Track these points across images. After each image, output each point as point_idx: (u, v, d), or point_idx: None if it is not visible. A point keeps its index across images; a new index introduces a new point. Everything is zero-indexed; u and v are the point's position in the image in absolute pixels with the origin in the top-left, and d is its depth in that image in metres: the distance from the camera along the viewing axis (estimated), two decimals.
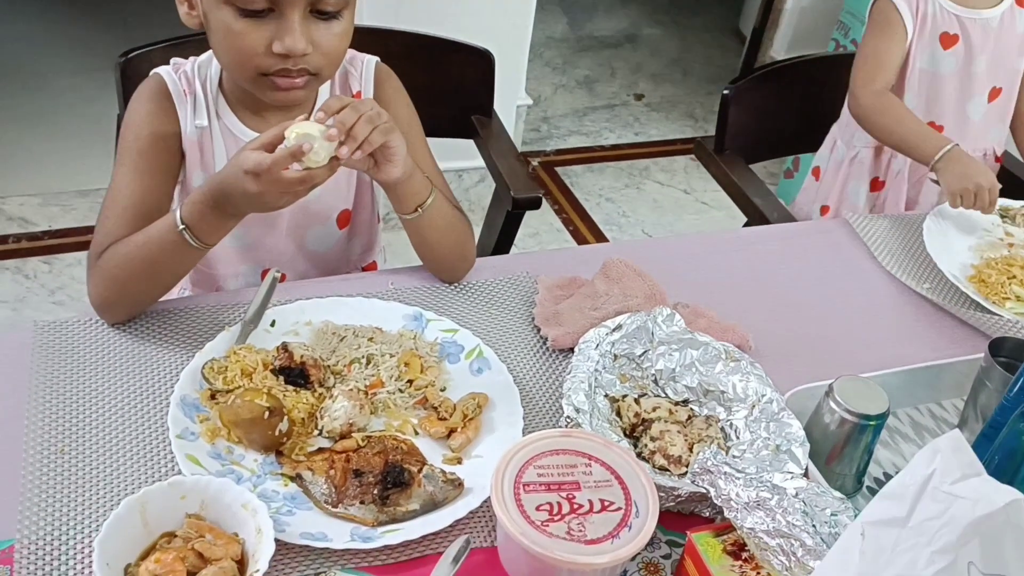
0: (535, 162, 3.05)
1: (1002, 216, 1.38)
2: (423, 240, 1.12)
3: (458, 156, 1.98)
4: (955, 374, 1.08)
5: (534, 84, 3.41)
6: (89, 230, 2.46)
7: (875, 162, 1.56)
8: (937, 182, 1.37)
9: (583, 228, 2.81)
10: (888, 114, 1.46)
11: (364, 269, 1.28)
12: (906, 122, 1.44)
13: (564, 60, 3.64)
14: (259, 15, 0.95)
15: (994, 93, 1.53)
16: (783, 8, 3.26)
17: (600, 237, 2.77)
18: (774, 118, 1.68)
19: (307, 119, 0.92)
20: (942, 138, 1.40)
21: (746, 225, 1.54)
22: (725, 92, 1.60)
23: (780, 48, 3.34)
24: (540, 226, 2.77)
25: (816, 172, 1.68)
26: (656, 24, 3.99)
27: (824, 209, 1.64)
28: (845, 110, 1.58)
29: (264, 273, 1.19)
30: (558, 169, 3.05)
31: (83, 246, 2.42)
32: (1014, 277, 1.26)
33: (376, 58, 1.18)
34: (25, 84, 2.95)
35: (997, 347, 1.01)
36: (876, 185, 1.57)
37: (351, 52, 1.15)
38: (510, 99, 2.58)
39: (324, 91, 1.13)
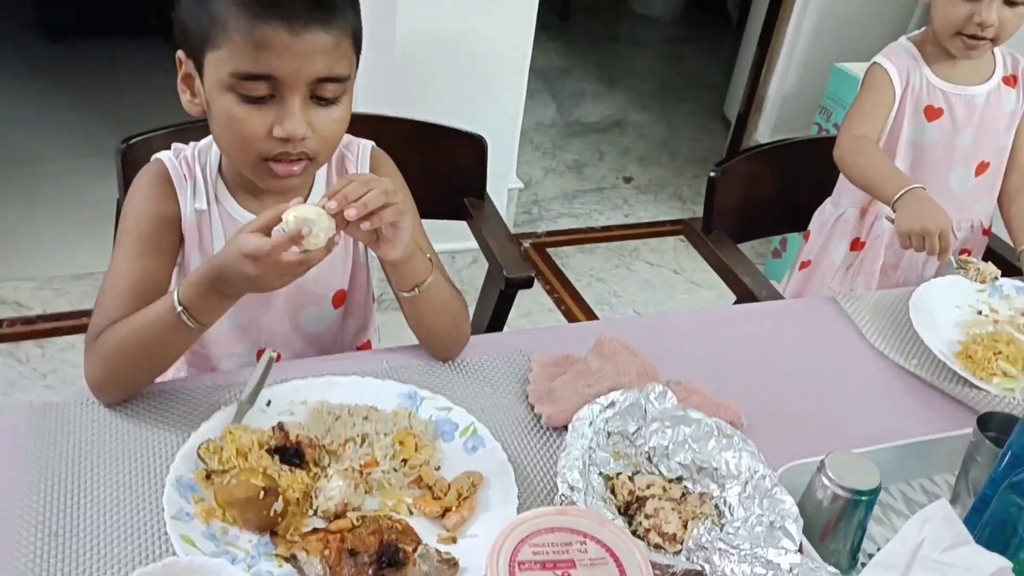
0: (527, 243, 3.09)
1: (959, 265, 1.38)
2: (420, 319, 1.14)
3: (450, 238, 2.02)
4: (946, 449, 1.09)
5: (525, 168, 3.47)
6: (83, 314, 2.48)
7: (859, 222, 1.62)
8: (893, 220, 1.41)
9: (575, 308, 2.83)
10: (860, 153, 1.51)
11: (359, 348, 1.30)
12: (875, 162, 1.49)
13: (554, 144, 3.72)
14: (260, 101, 0.98)
15: (982, 167, 1.59)
16: (766, 94, 3.36)
17: (591, 316, 2.79)
18: (760, 199, 1.72)
19: (303, 202, 0.94)
20: (907, 179, 1.44)
21: (736, 304, 1.56)
22: (711, 174, 1.64)
23: (764, 132, 3.43)
24: (532, 306, 2.79)
25: (807, 236, 1.74)
26: (643, 109, 4.09)
27: (804, 264, 1.67)
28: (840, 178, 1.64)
29: (259, 353, 1.20)
30: (549, 250, 3.09)
31: (76, 330, 2.44)
32: (1000, 353, 1.27)
33: (372, 143, 1.21)
34: (22, 169, 2.99)
35: (985, 422, 1.02)
36: (857, 245, 1.62)
37: (347, 137, 1.19)
38: (502, 183, 2.63)
39: (320, 176, 1.16)
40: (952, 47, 1.52)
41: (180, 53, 1.03)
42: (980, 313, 1.40)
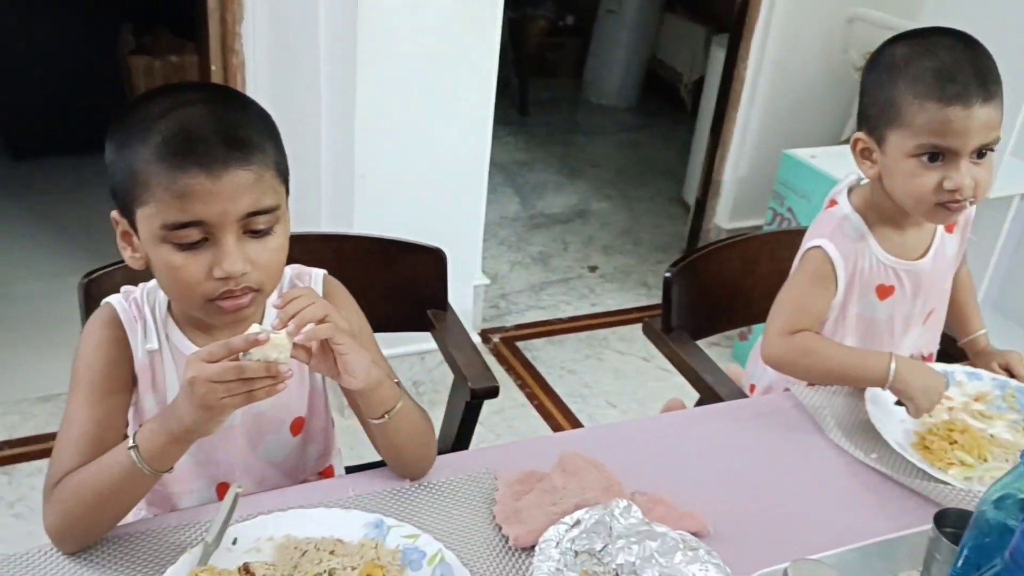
0: (496, 339, 3.11)
1: None
2: (388, 443, 1.15)
3: (419, 340, 2.03)
4: (909, 545, 1.10)
5: (491, 262, 3.52)
6: (49, 437, 2.45)
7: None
8: (900, 403, 1.36)
9: (547, 402, 2.84)
10: (815, 355, 1.40)
11: (321, 474, 1.30)
12: (834, 358, 1.40)
13: (518, 238, 3.77)
14: (195, 246, 1.00)
15: (928, 316, 1.53)
16: (722, 179, 3.45)
17: (564, 410, 2.80)
18: (716, 295, 1.76)
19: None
20: (877, 357, 1.37)
21: (699, 402, 1.58)
22: (667, 275, 1.68)
23: (723, 216, 3.51)
24: (504, 402, 2.79)
25: (752, 389, 1.67)
26: (604, 198, 4.18)
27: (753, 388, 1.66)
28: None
29: (220, 487, 1.20)
30: (519, 344, 3.11)
31: (44, 454, 2.40)
32: (955, 442, 1.30)
33: (323, 271, 1.23)
34: None
35: (942, 518, 1.04)
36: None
37: (299, 267, 1.21)
38: (466, 281, 2.67)
39: (271, 307, 1.18)
40: (930, 219, 1.39)
41: (114, 213, 1.06)
42: None
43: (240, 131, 1.00)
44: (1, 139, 3.81)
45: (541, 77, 5.35)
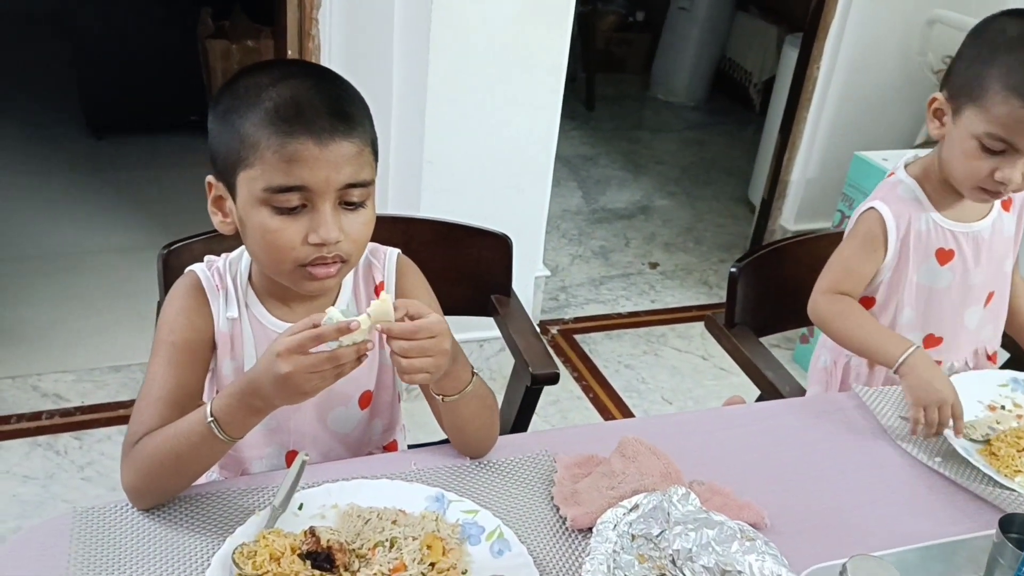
0: (554, 330, 3.12)
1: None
2: (454, 420, 1.18)
3: (479, 327, 2.06)
4: (970, 549, 1.09)
5: (552, 255, 3.53)
6: (120, 405, 2.53)
7: (870, 373, 1.55)
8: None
9: (603, 395, 2.84)
10: (845, 318, 1.46)
11: (385, 448, 1.33)
12: (863, 326, 1.45)
13: (580, 231, 3.78)
14: (293, 212, 1.04)
15: (989, 297, 1.53)
16: (789, 180, 3.41)
17: (619, 403, 2.80)
18: (781, 292, 1.74)
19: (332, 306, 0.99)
20: (902, 341, 1.39)
21: (759, 398, 1.58)
22: (732, 270, 1.67)
23: (789, 217, 3.47)
24: (560, 393, 2.81)
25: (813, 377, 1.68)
26: (668, 195, 4.16)
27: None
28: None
29: (289, 455, 1.24)
30: (577, 337, 3.12)
31: (114, 421, 2.50)
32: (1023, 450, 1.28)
33: (398, 250, 1.26)
34: (65, 263, 3.10)
35: (1008, 523, 1.02)
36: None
37: (374, 245, 1.24)
38: (528, 272, 2.69)
39: (347, 282, 1.21)
40: (968, 196, 1.42)
41: (210, 178, 1.10)
42: (1003, 408, 1.40)
43: (344, 105, 1.05)
44: (82, 118, 3.94)
45: (609, 72, 5.34)
